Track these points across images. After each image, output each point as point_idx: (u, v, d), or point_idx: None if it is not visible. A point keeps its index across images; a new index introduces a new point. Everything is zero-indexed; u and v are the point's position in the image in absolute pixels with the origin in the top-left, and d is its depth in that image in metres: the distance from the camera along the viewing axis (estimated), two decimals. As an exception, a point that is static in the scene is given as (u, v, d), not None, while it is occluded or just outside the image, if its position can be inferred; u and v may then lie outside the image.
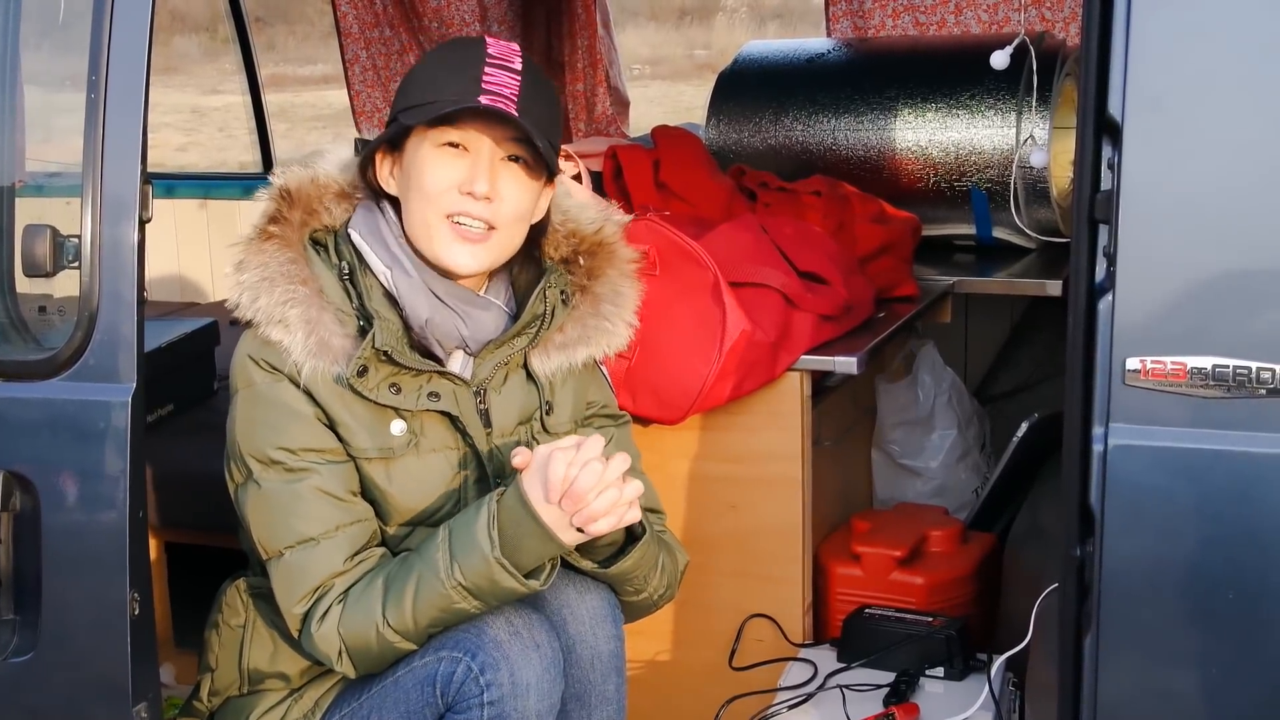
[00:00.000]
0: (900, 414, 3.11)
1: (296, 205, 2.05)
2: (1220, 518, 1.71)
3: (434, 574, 1.91)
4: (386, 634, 1.93)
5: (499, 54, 2.01)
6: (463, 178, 1.99)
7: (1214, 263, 1.69)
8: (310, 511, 1.98)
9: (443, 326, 2.04)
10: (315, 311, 1.99)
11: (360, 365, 1.97)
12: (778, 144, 3.50)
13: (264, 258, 2.01)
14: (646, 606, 2.16)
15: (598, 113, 4.49)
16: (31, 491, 2.05)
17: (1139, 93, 1.68)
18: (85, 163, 2.01)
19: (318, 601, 1.98)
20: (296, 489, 1.99)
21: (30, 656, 2.08)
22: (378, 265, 2.05)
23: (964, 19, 4.08)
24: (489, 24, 4.47)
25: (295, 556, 1.99)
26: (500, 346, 2.08)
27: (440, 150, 2.00)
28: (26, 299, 2.21)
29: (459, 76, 1.99)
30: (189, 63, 16.39)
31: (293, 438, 1.99)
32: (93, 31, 2.01)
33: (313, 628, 1.97)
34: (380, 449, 2.02)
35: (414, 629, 1.93)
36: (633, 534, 2.05)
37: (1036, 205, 3.33)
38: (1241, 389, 1.68)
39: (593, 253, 2.18)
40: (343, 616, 1.96)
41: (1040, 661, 2.18)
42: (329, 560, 1.98)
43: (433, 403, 2.02)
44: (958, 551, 2.74)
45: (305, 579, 1.98)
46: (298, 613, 1.99)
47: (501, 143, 2.00)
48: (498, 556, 1.88)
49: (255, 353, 2.00)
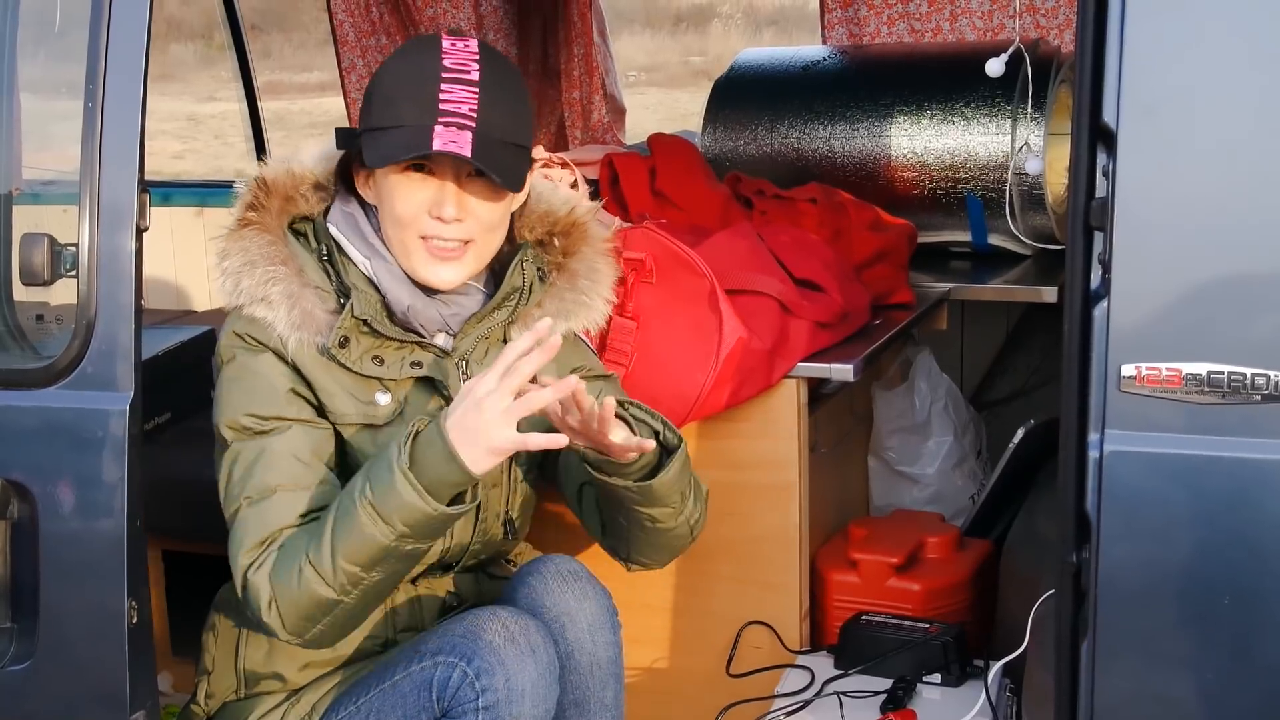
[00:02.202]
0: (897, 421, 3.11)
1: (274, 194, 2.09)
2: (1215, 523, 1.71)
3: (349, 497, 1.89)
4: (306, 571, 1.89)
5: (455, 64, 1.99)
6: (431, 201, 2.01)
7: (1209, 269, 1.70)
8: (273, 464, 1.98)
9: (425, 312, 2.08)
10: (297, 288, 2.02)
11: (341, 335, 2.00)
12: (773, 151, 3.51)
13: (244, 243, 2.04)
14: (683, 535, 2.12)
15: (594, 120, 4.49)
16: (29, 500, 2.05)
17: (1133, 100, 1.69)
18: (83, 171, 2.01)
19: (264, 552, 1.95)
20: (263, 444, 1.99)
21: (28, 665, 2.08)
22: (356, 256, 2.09)
23: (959, 26, 4.08)
24: (485, 32, 4.48)
25: (251, 510, 1.96)
26: (480, 321, 2.11)
27: (406, 175, 2.02)
28: (24, 307, 2.21)
29: (416, 96, 1.98)
30: (185, 70, 16.39)
31: (265, 404, 2.00)
32: (90, 39, 2.02)
33: (250, 574, 1.94)
34: (365, 416, 2.04)
35: (330, 565, 1.88)
36: (667, 448, 2.03)
37: (1032, 212, 3.33)
38: (1236, 395, 1.68)
39: (567, 232, 2.22)
40: (275, 562, 1.93)
41: (1037, 667, 2.18)
42: (282, 513, 1.96)
43: (416, 370, 2.06)
44: (954, 558, 2.74)
45: (257, 530, 1.95)
46: (243, 564, 1.95)
47: (464, 163, 2.00)
48: (402, 465, 1.85)
49: (240, 329, 2.03)
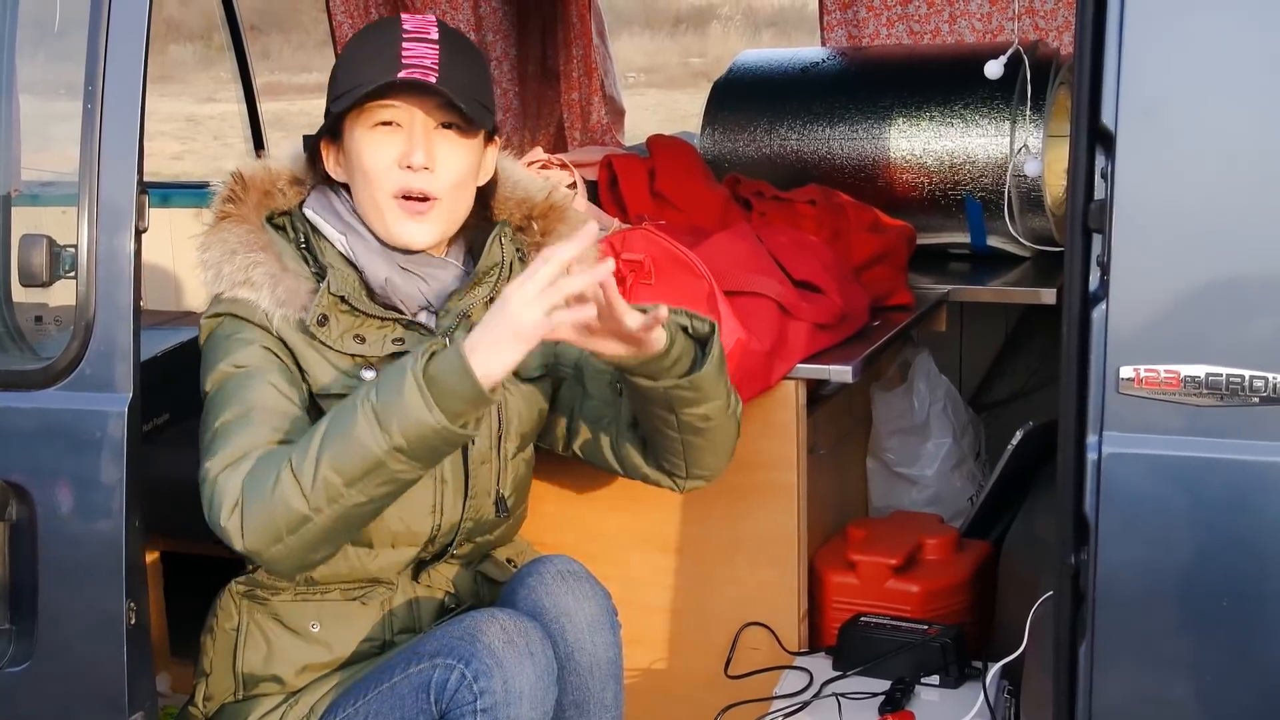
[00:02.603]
0: (895, 422, 3.11)
1: (251, 189, 2.11)
2: (1214, 526, 1.71)
3: (350, 403, 1.87)
4: (284, 476, 1.85)
5: (415, 27, 2.05)
6: (400, 152, 2.04)
7: (1207, 271, 1.70)
8: (254, 391, 1.97)
9: (404, 288, 2.09)
10: (278, 270, 2.04)
11: (320, 314, 2.02)
12: (773, 153, 3.51)
13: (223, 234, 2.06)
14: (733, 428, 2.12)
15: (593, 122, 4.49)
16: (28, 501, 2.05)
17: (1132, 102, 1.69)
18: (81, 172, 2.01)
19: (240, 460, 1.91)
20: (245, 377, 1.99)
21: (26, 666, 2.08)
22: (332, 234, 2.11)
23: (958, 28, 4.09)
24: (484, 33, 4.48)
25: (231, 426, 1.94)
26: (461, 299, 2.13)
27: (374, 131, 2.05)
28: (23, 308, 2.21)
29: (378, 56, 2.03)
30: (184, 71, 16.40)
31: (248, 357, 2.01)
32: (89, 41, 2.02)
33: (220, 475, 1.90)
34: (347, 388, 2.02)
35: (311, 471, 1.84)
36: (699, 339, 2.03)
37: (1031, 214, 3.33)
38: (1235, 397, 1.68)
39: (545, 215, 2.25)
40: (252, 469, 1.89)
41: (1035, 669, 2.18)
42: (259, 433, 1.94)
43: (398, 346, 2.06)
44: (953, 559, 2.74)
45: (231, 444, 1.92)
46: (214, 468, 1.91)
47: (431, 112, 2.04)
48: (416, 372, 1.81)
49: (224, 309, 2.04)
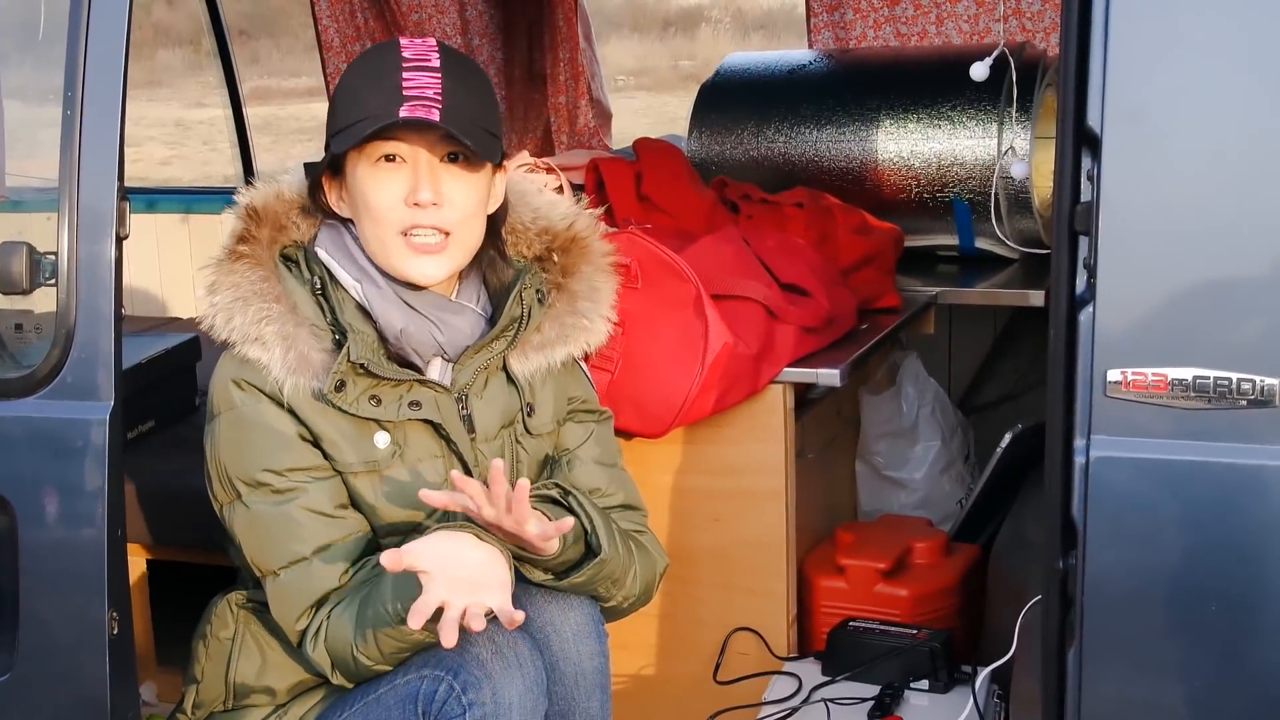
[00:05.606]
0: (884, 425, 3.11)
1: (264, 223, 2.05)
2: (1202, 529, 1.71)
3: (380, 609, 1.91)
4: (360, 659, 1.94)
5: (415, 55, 1.99)
6: (406, 189, 1.98)
7: (1194, 274, 1.69)
8: (301, 532, 1.98)
9: (418, 335, 2.03)
10: (291, 328, 1.98)
11: (338, 380, 1.97)
12: (760, 156, 3.50)
13: (235, 278, 2.00)
14: (617, 611, 2.14)
15: (580, 125, 4.48)
16: (9, 510, 2.04)
17: (1118, 104, 1.68)
18: (62, 179, 2.00)
19: (315, 616, 1.98)
20: (286, 510, 1.98)
21: (8, 676, 2.07)
22: (347, 280, 2.05)
23: (945, 30, 4.09)
24: (470, 37, 4.47)
25: (290, 575, 1.98)
26: (479, 351, 2.07)
27: (377, 167, 1.99)
28: (3, 316, 2.21)
29: (379, 87, 1.97)
30: (173, 76, 16.39)
31: (278, 459, 1.98)
32: (68, 47, 2.00)
33: (309, 646, 1.98)
34: (366, 462, 2.01)
35: (381, 657, 1.93)
36: (591, 549, 2.03)
37: (1018, 216, 3.33)
38: (1222, 400, 1.68)
39: (566, 249, 2.18)
40: (327, 636, 1.96)
41: (1024, 673, 2.17)
42: (323, 577, 1.98)
43: (414, 412, 2.02)
44: (942, 563, 2.74)
45: (301, 597, 1.98)
46: (299, 629, 1.99)
47: (435, 145, 1.98)
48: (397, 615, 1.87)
49: (235, 374, 1.99)
